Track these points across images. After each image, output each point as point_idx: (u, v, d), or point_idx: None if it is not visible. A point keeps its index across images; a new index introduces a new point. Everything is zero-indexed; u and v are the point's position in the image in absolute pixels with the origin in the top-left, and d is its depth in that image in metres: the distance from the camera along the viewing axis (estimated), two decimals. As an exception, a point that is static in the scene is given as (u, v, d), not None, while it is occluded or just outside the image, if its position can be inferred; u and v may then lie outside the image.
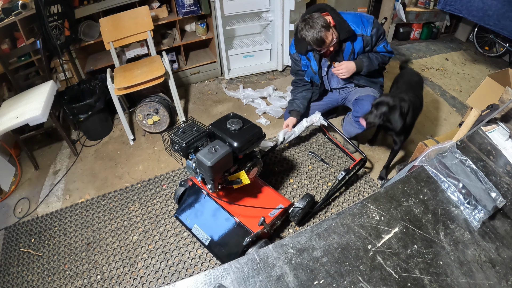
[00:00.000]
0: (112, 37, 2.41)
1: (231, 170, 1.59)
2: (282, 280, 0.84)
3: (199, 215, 1.74)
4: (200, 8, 2.76)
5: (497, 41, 3.39)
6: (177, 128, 1.62)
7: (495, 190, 1.00)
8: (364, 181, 2.11)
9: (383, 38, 1.93)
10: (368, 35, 1.86)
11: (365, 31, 1.85)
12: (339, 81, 2.10)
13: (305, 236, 0.93)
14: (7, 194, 2.23)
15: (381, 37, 1.91)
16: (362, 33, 1.85)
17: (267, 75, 3.22)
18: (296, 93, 2.19)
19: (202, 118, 2.69)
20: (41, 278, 1.74)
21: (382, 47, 1.94)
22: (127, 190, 2.15)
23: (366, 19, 1.86)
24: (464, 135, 1.30)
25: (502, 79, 1.91)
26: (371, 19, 1.86)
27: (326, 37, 1.74)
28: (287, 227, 1.87)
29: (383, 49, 1.95)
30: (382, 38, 1.92)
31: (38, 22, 2.27)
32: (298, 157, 2.29)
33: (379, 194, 1.05)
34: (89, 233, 1.93)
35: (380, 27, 1.88)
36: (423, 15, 3.71)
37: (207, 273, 0.86)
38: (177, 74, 3.02)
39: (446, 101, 2.87)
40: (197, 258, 1.76)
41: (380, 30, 1.88)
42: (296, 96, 2.18)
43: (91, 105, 2.37)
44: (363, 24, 1.84)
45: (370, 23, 1.84)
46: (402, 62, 2.30)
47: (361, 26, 1.84)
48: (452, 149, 1.11)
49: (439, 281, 0.86)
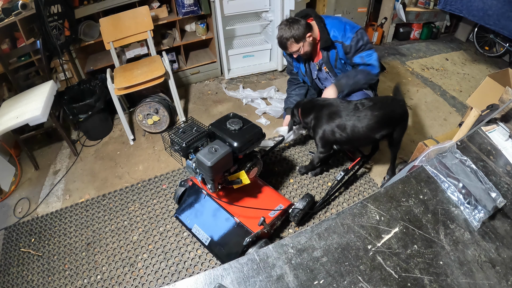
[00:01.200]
0: (112, 37, 2.41)
1: (231, 170, 1.59)
2: (282, 280, 0.84)
3: (199, 215, 1.74)
4: (200, 8, 2.76)
5: (497, 41, 3.39)
6: (177, 128, 1.62)
7: (495, 190, 1.00)
8: (364, 181, 2.11)
9: (363, 50, 1.87)
10: (347, 44, 1.84)
11: (345, 39, 1.84)
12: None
13: (305, 236, 0.93)
14: (7, 194, 2.23)
15: (360, 48, 1.85)
16: (341, 40, 1.85)
17: (267, 75, 3.22)
18: (290, 91, 2.26)
19: (202, 118, 2.69)
20: (41, 278, 1.75)
21: (358, 57, 1.88)
22: (127, 190, 2.15)
23: (350, 28, 1.83)
24: (464, 135, 1.30)
25: (502, 79, 1.90)
26: (355, 29, 1.82)
27: (290, 47, 1.85)
28: (287, 227, 1.87)
29: (359, 60, 1.89)
30: (361, 48, 1.86)
31: (38, 22, 2.26)
32: (298, 157, 2.29)
33: (379, 194, 1.05)
34: (89, 233, 1.93)
35: (362, 39, 1.83)
36: (423, 15, 3.72)
37: (207, 273, 0.86)
38: (177, 74, 3.02)
39: (446, 101, 2.87)
40: (197, 258, 1.76)
41: (361, 42, 1.83)
42: (290, 93, 2.24)
43: (91, 105, 2.37)
44: (344, 32, 1.83)
45: (353, 32, 1.81)
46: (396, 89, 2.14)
47: (342, 33, 1.83)
48: (452, 149, 1.10)
49: (439, 281, 0.86)
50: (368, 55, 1.87)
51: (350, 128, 1.71)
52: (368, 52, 1.87)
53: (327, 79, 2.12)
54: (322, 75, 2.11)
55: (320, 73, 2.10)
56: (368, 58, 1.88)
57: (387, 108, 1.71)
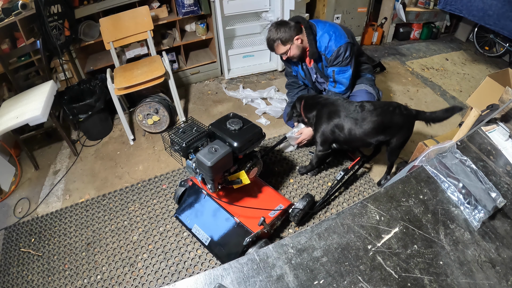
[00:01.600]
0: (112, 37, 2.41)
1: (231, 170, 1.59)
2: (282, 280, 0.84)
3: (199, 215, 1.74)
4: (200, 8, 2.76)
5: (497, 41, 3.39)
6: (177, 128, 1.62)
7: (495, 190, 1.00)
8: (364, 181, 2.11)
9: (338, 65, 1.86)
10: (328, 57, 1.87)
11: (327, 52, 1.86)
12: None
13: (305, 236, 0.93)
14: (7, 194, 2.23)
15: (336, 63, 1.86)
16: (324, 52, 1.87)
17: (267, 75, 3.22)
18: (293, 95, 2.27)
19: (202, 118, 2.69)
20: (41, 278, 1.75)
21: (330, 71, 1.90)
22: (127, 190, 2.15)
23: (335, 42, 1.81)
24: (464, 135, 1.30)
25: (502, 79, 1.90)
26: (340, 44, 1.80)
27: (277, 48, 1.88)
28: (287, 227, 1.87)
29: (330, 74, 1.91)
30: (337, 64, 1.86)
31: (38, 22, 2.26)
32: (298, 157, 2.29)
33: (379, 194, 1.05)
34: (89, 233, 1.93)
35: (342, 55, 1.82)
36: (423, 15, 3.72)
37: (207, 273, 0.86)
38: (177, 74, 3.02)
39: (446, 101, 2.87)
40: (197, 258, 1.76)
41: (339, 59, 1.84)
42: (293, 98, 2.25)
43: (91, 105, 2.37)
44: (328, 45, 1.83)
45: (336, 46, 1.81)
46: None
47: (325, 46, 1.84)
48: (452, 149, 1.10)
49: (439, 281, 0.86)
50: (341, 71, 1.89)
51: (347, 130, 1.74)
52: (342, 68, 1.88)
53: (325, 82, 2.13)
54: (320, 79, 2.14)
55: (318, 77, 2.13)
56: (339, 75, 1.90)
57: (387, 116, 1.69)
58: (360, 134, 1.72)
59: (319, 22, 1.91)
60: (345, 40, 1.83)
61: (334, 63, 1.87)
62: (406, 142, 1.84)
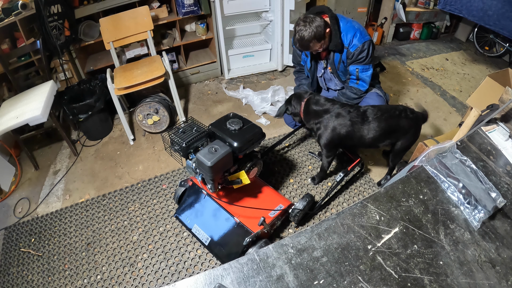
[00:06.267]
0: (112, 37, 2.41)
1: (231, 170, 1.59)
2: (282, 280, 0.84)
3: (199, 215, 1.74)
4: (200, 8, 2.76)
5: (497, 41, 3.39)
6: (177, 128, 1.62)
7: (495, 190, 1.00)
8: (364, 181, 2.11)
9: (362, 62, 1.85)
10: (351, 51, 1.83)
11: (351, 46, 1.82)
12: (337, 84, 2.12)
13: (305, 236, 0.93)
14: (7, 194, 2.23)
15: (360, 60, 1.84)
16: (347, 46, 1.83)
17: (267, 75, 3.22)
18: (301, 79, 2.24)
19: (202, 118, 2.70)
20: (41, 278, 1.74)
21: (354, 69, 1.88)
22: (127, 190, 2.15)
23: (360, 36, 1.80)
24: (464, 135, 1.30)
25: (502, 79, 1.90)
26: (364, 39, 1.79)
27: (313, 46, 1.79)
28: (287, 227, 1.87)
29: (354, 72, 1.89)
30: (360, 61, 1.84)
31: (38, 22, 2.26)
32: (298, 157, 2.29)
33: (379, 194, 1.05)
34: (89, 233, 1.93)
35: (366, 52, 1.81)
36: (423, 15, 3.72)
37: (207, 273, 0.86)
38: (177, 74, 3.02)
39: (446, 101, 2.87)
40: (197, 258, 1.76)
41: (363, 54, 1.81)
42: (301, 81, 2.23)
43: (91, 105, 2.37)
44: (353, 38, 1.80)
45: (360, 42, 1.79)
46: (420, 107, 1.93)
47: (350, 40, 1.81)
48: (452, 149, 1.10)
49: (439, 281, 0.86)
50: (364, 69, 1.88)
51: (356, 138, 1.76)
52: (365, 66, 1.87)
53: (331, 80, 2.12)
54: (327, 76, 2.10)
55: (325, 73, 2.09)
56: (362, 73, 1.89)
57: (393, 120, 1.72)
58: (370, 141, 1.76)
59: (339, 15, 1.86)
60: (368, 37, 1.83)
61: (358, 58, 1.83)
62: (412, 145, 1.85)
